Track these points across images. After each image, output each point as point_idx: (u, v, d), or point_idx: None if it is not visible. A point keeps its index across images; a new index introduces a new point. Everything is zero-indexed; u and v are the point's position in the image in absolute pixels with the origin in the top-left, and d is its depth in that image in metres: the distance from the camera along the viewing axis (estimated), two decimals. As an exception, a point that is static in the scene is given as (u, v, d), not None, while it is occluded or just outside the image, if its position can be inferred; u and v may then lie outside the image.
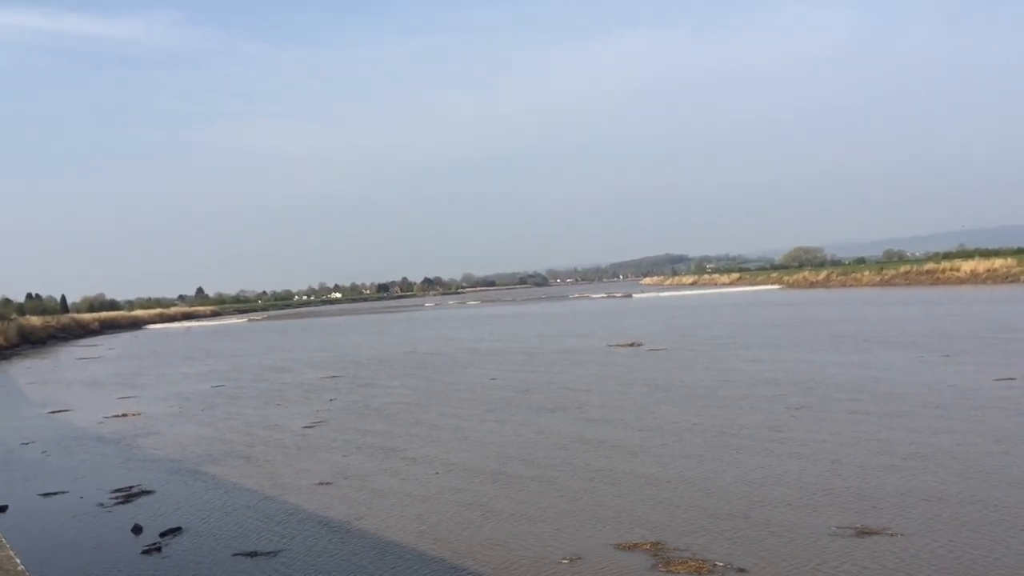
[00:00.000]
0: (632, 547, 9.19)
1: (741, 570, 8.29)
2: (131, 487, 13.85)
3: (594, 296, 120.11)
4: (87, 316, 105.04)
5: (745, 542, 9.09)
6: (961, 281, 78.38)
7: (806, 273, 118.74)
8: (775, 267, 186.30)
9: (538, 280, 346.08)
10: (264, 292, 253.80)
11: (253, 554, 9.86)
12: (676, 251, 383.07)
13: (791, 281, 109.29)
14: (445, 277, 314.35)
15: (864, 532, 9.11)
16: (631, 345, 33.44)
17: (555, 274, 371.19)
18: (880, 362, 23.09)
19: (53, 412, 24.94)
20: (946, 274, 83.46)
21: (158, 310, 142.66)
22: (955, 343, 26.51)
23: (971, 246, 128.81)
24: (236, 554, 9.91)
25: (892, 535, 8.95)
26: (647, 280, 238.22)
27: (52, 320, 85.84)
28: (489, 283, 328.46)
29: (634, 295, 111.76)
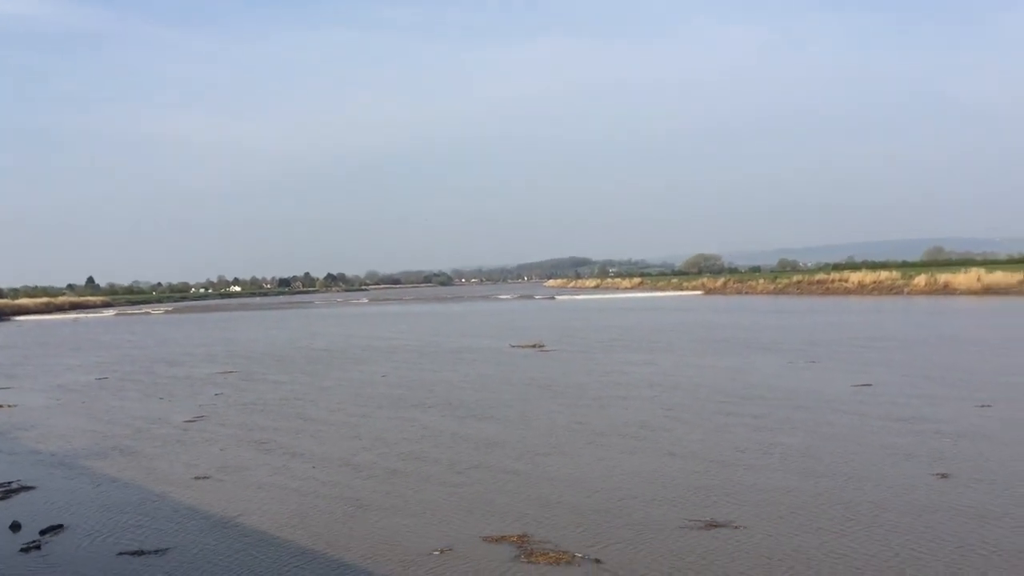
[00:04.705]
0: (499, 539, 9.67)
1: (597, 560, 8.88)
2: (10, 483, 13.46)
3: (504, 296, 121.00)
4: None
5: (603, 535, 9.70)
6: (849, 291, 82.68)
7: (704, 280, 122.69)
8: (675, 273, 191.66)
9: (443, 279, 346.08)
10: (159, 284, 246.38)
11: (139, 552, 9.79)
12: (580, 254, 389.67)
13: (707, 286, 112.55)
14: (349, 274, 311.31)
15: (712, 525, 9.85)
16: (533, 346, 34.13)
17: (460, 274, 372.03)
18: (751, 366, 24.42)
19: (-77, 404, 23.93)
20: (835, 284, 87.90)
21: (45, 299, 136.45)
22: (825, 350, 28.15)
23: (859, 258, 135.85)
24: (122, 553, 9.82)
25: (736, 527, 9.72)
26: (551, 282, 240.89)
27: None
28: (394, 281, 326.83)
29: (557, 297, 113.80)
